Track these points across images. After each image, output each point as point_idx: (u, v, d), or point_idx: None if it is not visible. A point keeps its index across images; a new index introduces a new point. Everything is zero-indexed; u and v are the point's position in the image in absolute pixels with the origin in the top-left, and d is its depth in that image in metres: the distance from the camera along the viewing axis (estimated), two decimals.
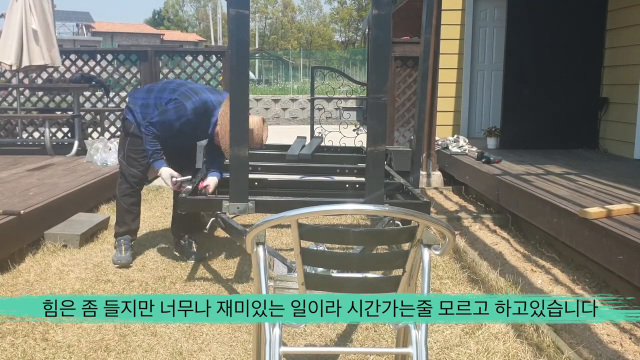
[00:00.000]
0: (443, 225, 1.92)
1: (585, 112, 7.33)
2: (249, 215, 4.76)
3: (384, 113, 3.08)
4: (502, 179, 5.31)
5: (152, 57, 7.81)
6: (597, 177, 5.38)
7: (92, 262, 4.11)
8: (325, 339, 3.01)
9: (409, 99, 7.92)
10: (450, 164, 6.95)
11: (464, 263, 4.15)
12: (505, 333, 3.01)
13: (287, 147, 5.30)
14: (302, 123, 17.40)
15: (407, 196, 3.83)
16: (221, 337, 3.01)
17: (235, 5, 3.00)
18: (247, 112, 3.20)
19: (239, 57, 3.07)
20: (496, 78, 8.19)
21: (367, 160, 3.14)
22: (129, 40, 42.52)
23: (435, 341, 2.97)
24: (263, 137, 3.89)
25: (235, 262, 4.21)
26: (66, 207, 4.76)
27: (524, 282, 3.81)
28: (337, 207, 1.87)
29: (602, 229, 3.62)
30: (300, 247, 1.87)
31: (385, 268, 2.56)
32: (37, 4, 6.87)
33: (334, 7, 68.64)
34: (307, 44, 62.83)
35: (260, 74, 32.29)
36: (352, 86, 9.07)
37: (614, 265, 3.49)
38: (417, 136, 4.09)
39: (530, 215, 4.71)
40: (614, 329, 3.18)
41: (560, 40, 7.14)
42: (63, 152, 7.04)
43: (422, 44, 3.96)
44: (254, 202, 3.30)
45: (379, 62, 3.04)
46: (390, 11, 3.02)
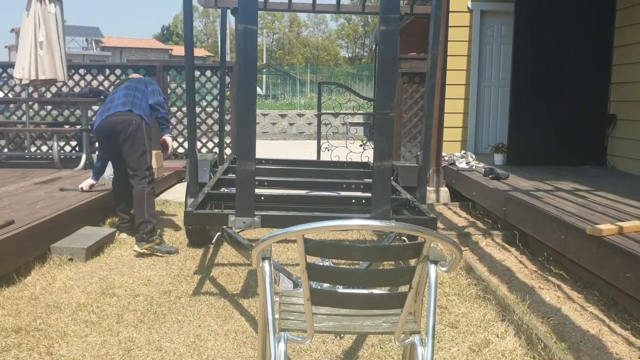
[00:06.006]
0: (449, 242, 1.90)
1: (593, 129, 7.31)
2: (255, 230, 4.75)
3: (390, 128, 3.09)
4: (509, 195, 5.29)
5: (160, 71, 7.88)
6: (604, 193, 5.34)
7: (98, 275, 4.11)
8: (330, 356, 2.99)
9: (416, 115, 7.93)
10: (457, 179, 6.93)
11: (471, 280, 4.12)
12: (512, 351, 2.98)
13: (294, 162, 5.31)
14: (308, 138, 17.43)
15: (414, 212, 3.82)
16: (226, 352, 2.99)
17: (243, 21, 3.02)
18: (254, 126, 3.21)
19: (247, 72, 3.09)
20: (503, 94, 8.19)
21: (374, 175, 3.14)
22: (138, 55, 42.91)
23: (441, 358, 2.94)
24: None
25: (241, 277, 4.19)
26: (73, 220, 4.77)
27: (532, 299, 3.78)
28: (344, 223, 1.87)
29: (610, 246, 3.58)
30: (306, 263, 1.86)
31: (391, 284, 2.55)
32: (45, 19, 6.94)
33: (340, 23, 69.09)
34: (313, 59, 63.15)
35: (268, 89, 32.45)
36: (358, 102, 9.10)
37: (622, 283, 3.45)
38: (423, 152, 4.09)
39: (538, 231, 4.68)
40: (623, 347, 3.14)
41: (567, 57, 7.15)
42: (71, 166, 7.08)
43: (429, 60, 3.97)
44: (260, 216, 3.30)
45: (386, 78, 3.05)
46: (398, 28, 3.04)
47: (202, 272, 4.29)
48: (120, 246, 4.87)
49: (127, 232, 5.09)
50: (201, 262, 4.53)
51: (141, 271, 4.25)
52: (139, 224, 4.63)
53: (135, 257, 4.57)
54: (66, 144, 8.35)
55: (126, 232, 5.10)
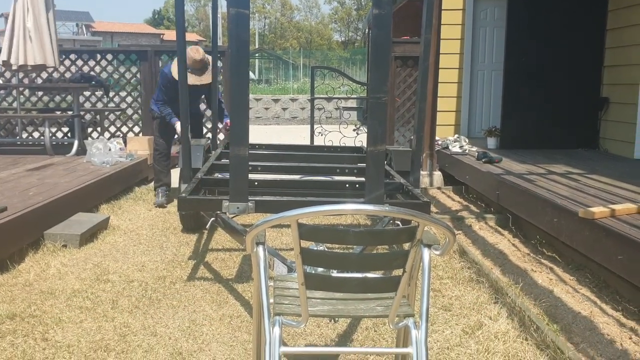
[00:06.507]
0: (443, 226, 1.91)
1: (586, 112, 7.32)
2: (249, 215, 4.75)
3: (384, 113, 3.08)
4: (502, 179, 5.31)
5: (152, 56, 7.81)
6: (597, 176, 5.37)
7: (92, 262, 4.11)
8: (325, 339, 3.01)
9: (409, 99, 7.91)
10: (450, 163, 6.95)
11: (464, 263, 4.14)
12: (505, 333, 3.01)
13: (287, 146, 5.30)
14: (302, 123, 17.39)
15: (407, 196, 3.82)
16: (221, 337, 3.01)
17: (235, 5, 2.99)
18: (247, 112, 3.19)
19: (239, 56, 3.07)
20: (496, 78, 8.18)
21: (367, 160, 3.14)
22: (129, 40, 42.49)
23: (435, 341, 2.97)
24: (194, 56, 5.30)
25: (235, 262, 4.20)
26: (66, 207, 4.76)
27: (524, 282, 3.81)
28: (337, 207, 1.87)
29: (603, 229, 3.61)
30: (300, 247, 1.86)
31: (385, 268, 2.56)
32: (34, 4, 6.85)
33: (333, 6, 68.63)
34: (306, 43, 62.80)
35: (260, 74, 32.24)
36: (352, 86, 9.07)
37: (614, 265, 3.49)
38: (417, 136, 4.08)
39: (531, 215, 4.70)
40: (614, 328, 3.17)
41: (560, 40, 7.13)
42: (63, 152, 7.04)
43: (422, 43, 3.95)
44: (254, 202, 3.30)
45: (379, 62, 3.04)
46: (391, 11, 3.02)
47: (196, 257, 4.30)
48: (114, 232, 4.87)
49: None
50: (195, 248, 4.53)
51: (135, 257, 4.25)
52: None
53: (128, 244, 4.58)
54: (58, 130, 8.29)
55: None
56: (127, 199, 6.10)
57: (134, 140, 7.38)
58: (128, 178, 6.39)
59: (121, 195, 6.14)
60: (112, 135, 8.04)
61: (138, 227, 5.08)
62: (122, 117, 8.22)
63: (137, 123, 8.13)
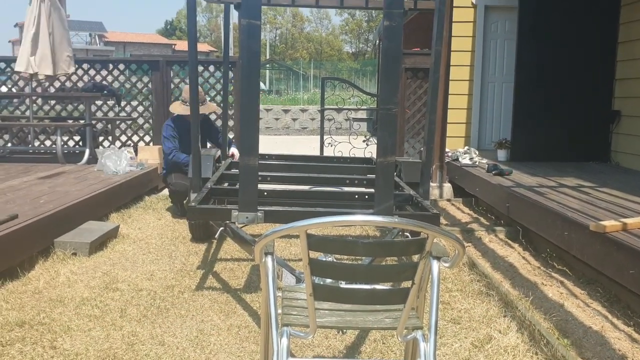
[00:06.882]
0: (452, 238, 1.90)
1: (597, 125, 7.28)
2: (258, 225, 4.75)
3: (394, 124, 3.08)
4: (512, 192, 5.28)
5: (163, 66, 7.86)
6: (608, 189, 5.33)
7: (102, 270, 4.12)
8: (333, 351, 2.99)
9: (419, 111, 7.92)
10: (460, 175, 6.92)
11: (474, 275, 4.12)
12: (514, 347, 2.98)
13: (297, 157, 5.31)
14: (312, 134, 17.43)
15: (417, 208, 3.81)
16: (229, 347, 3.00)
17: (246, 16, 3.01)
18: (258, 122, 3.21)
19: (250, 67, 3.09)
20: (507, 90, 8.16)
21: (377, 171, 3.13)
22: (141, 50, 42.88)
23: (444, 354, 2.94)
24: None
25: (244, 272, 4.20)
26: (76, 215, 4.78)
27: (535, 295, 3.78)
28: (346, 218, 1.87)
29: (614, 242, 3.58)
30: (308, 258, 1.86)
31: (393, 280, 2.54)
32: (49, 14, 6.94)
33: (343, 18, 68.95)
34: (316, 54, 63.04)
35: (271, 85, 32.41)
36: (362, 97, 9.08)
37: (626, 280, 3.45)
38: (427, 147, 4.08)
39: (541, 228, 4.67)
40: (625, 343, 3.13)
41: (571, 53, 7.12)
42: (74, 161, 7.08)
43: (433, 55, 3.96)
44: (263, 212, 3.30)
45: (389, 73, 3.05)
46: (402, 23, 3.03)
47: (205, 267, 4.30)
48: (124, 241, 4.88)
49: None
50: (204, 257, 4.54)
51: (144, 266, 4.26)
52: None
53: (138, 253, 4.59)
54: (70, 138, 8.35)
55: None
56: (137, 207, 6.13)
57: (144, 149, 7.42)
58: (138, 187, 6.42)
59: (131, 204, 6.16)
60: (123, 145, 8.08)
61: (147, 236, 5.09)
62: (133, 126, 8.27)
63: (148, 132, 8.17)
